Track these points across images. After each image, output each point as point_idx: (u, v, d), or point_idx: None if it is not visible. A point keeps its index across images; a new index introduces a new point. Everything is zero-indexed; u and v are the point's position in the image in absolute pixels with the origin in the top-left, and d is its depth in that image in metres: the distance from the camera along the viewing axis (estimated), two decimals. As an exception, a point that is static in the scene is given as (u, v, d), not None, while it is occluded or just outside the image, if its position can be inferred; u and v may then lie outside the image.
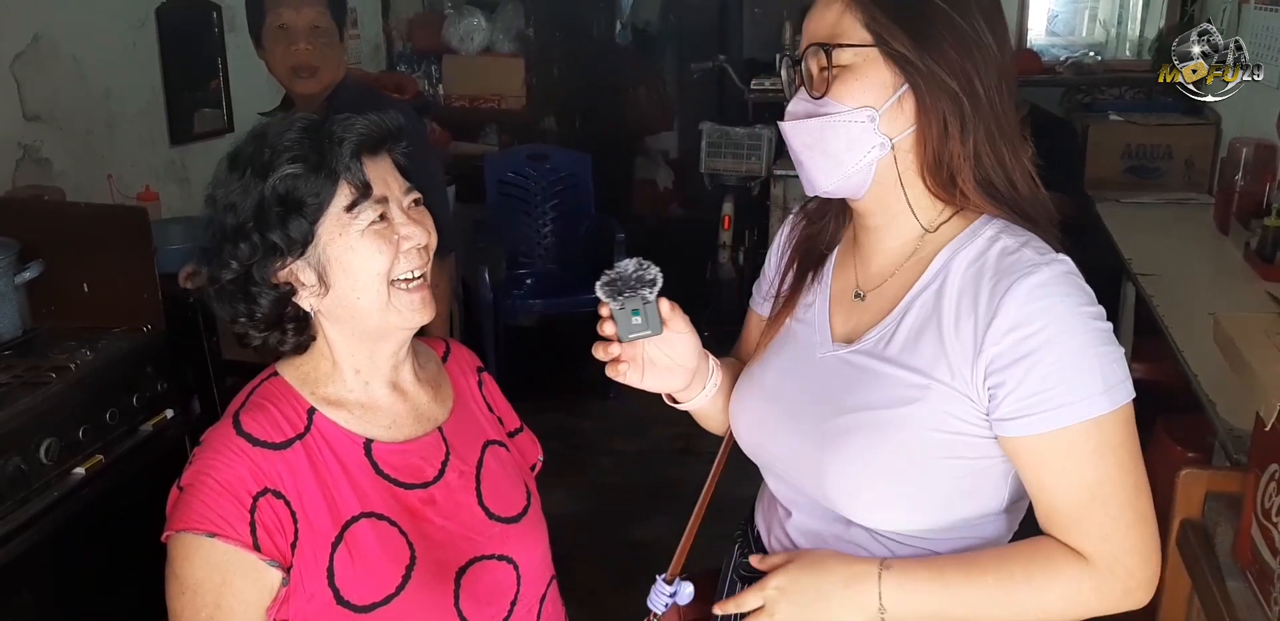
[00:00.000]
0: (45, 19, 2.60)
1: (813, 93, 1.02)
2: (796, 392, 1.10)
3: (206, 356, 2.53)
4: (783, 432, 1.10)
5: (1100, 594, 0.97)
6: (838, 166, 1.02)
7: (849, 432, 1.02)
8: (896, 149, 1.01)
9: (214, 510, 1.03)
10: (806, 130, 1.03)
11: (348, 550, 1.07)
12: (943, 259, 1.03)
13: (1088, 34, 5.21)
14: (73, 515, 1.82)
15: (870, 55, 0.99)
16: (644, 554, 2.92)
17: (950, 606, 0.98)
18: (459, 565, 1.12)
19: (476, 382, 1.29)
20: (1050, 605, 0.98)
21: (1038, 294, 0.95)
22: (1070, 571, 0.97)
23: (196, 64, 3.28)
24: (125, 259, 2.12)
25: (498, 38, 4.81)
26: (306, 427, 1.10)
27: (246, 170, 1.06)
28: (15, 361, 1.94)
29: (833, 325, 1.11)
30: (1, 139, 2.50)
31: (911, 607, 0.99)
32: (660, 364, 1.10)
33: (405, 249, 1.08)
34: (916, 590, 0.99)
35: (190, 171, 3.21)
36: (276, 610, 1.06)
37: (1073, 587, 0.97)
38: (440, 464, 1.16)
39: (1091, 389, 0.94)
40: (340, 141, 1.05)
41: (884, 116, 1.00)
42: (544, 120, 4.97)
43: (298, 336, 1.12)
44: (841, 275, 1.14)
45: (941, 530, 1.03)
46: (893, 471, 1.01)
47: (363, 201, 1.06)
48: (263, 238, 1.05)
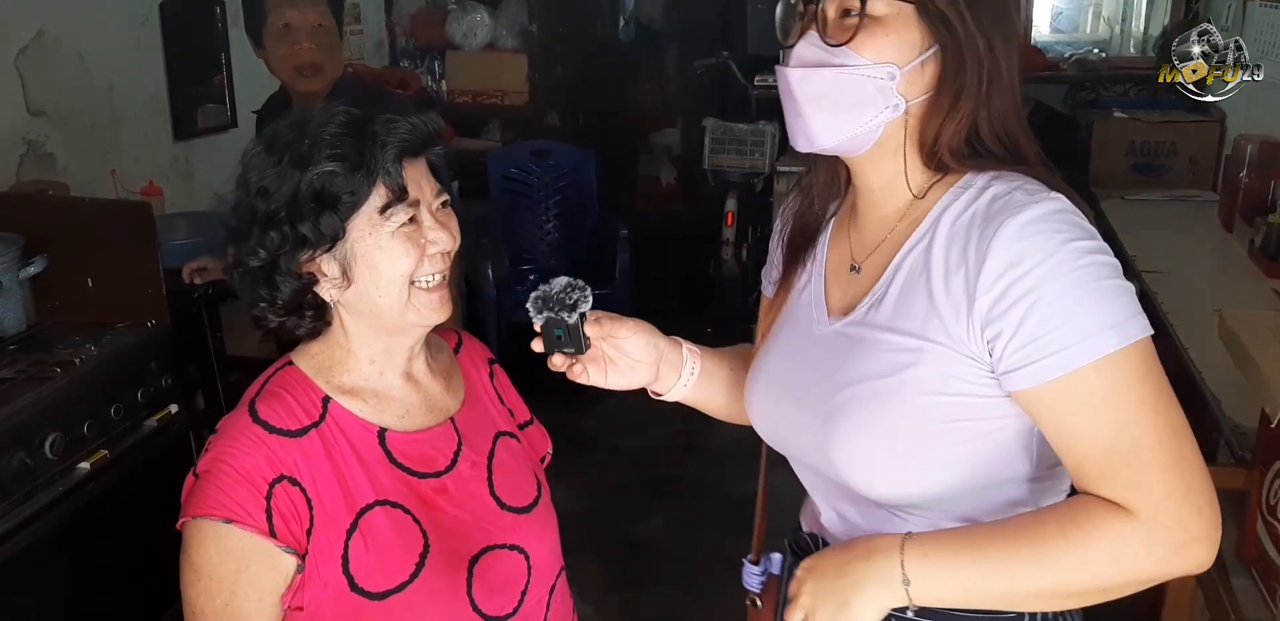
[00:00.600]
0: (49, 14, 2.60)
1: (829, 39, 0.94)
2: (798, 373, 1.06)
3: (210, 352, 2.53)
4: (790, 415, 1.07)
5: (1149, 548, 0.84)
6: (845, 123, 0.96)
7: (849, 405, 0.98)
8: (909, 112, 0.95)
9: (230, 497, 1.04)
10: (818, 80, 0.95)
11: (362, 537, 1.07)
12: (933, 216, 0.97)
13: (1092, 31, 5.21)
14: (77, 510, 1.82)
15: (906, 10, 0.92)
16: (646, 551, 2.93)
17: (981, 574, 0.87)
18: (472, 554, 1.13)
19: (488, 374, 1.30)
20: (1096, 566, 0.85)
21: (1028, 231, 0.88)
22: (1112, 526, 0.85)
23: (200, 59, 3.27)
24: (129, 254, 2.12)
25: (501, 33, 4.81)
26: (322, 416, 1.11)
27: (284, 157, 1.06)
28: (20, 356, 1.95)
29: (829, 299, 1.07)
30: (6, 134, 2.50)
31: (939, 578, 0.88)
32: (620, 363, 1.12)
33: (430, 253, 1.09)
34: (943, 558, 0.88)
35: (194, 167, 3.21)
36: (291, 596, 1.06)
37: (1117, 544, 0.84)
38: (453, 453, 1.17)
39: (1097, 326, 0.85)
40: (384, 144, 1.06)
41: (905, 76, 0.94)
42: (547, 116, 4.96)
43: (315, 322, 1.12)
44: (837, 247, 1.09)
45: (962, 500, 0.97)
46: (895, 439, 0.95)
47: (397, 204, 1.07)
48: (293, 229, 1.06)
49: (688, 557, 2.81)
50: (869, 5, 0.92)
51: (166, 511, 1.09)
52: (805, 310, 1.09)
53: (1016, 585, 0.86)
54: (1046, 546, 0.86)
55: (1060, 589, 0.86)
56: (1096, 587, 0.86)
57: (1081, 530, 0.85)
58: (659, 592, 2.69)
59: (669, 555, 2.88)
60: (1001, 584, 0.87)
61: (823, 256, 1.11)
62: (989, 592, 0.88)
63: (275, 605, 1.06)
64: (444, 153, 1.16)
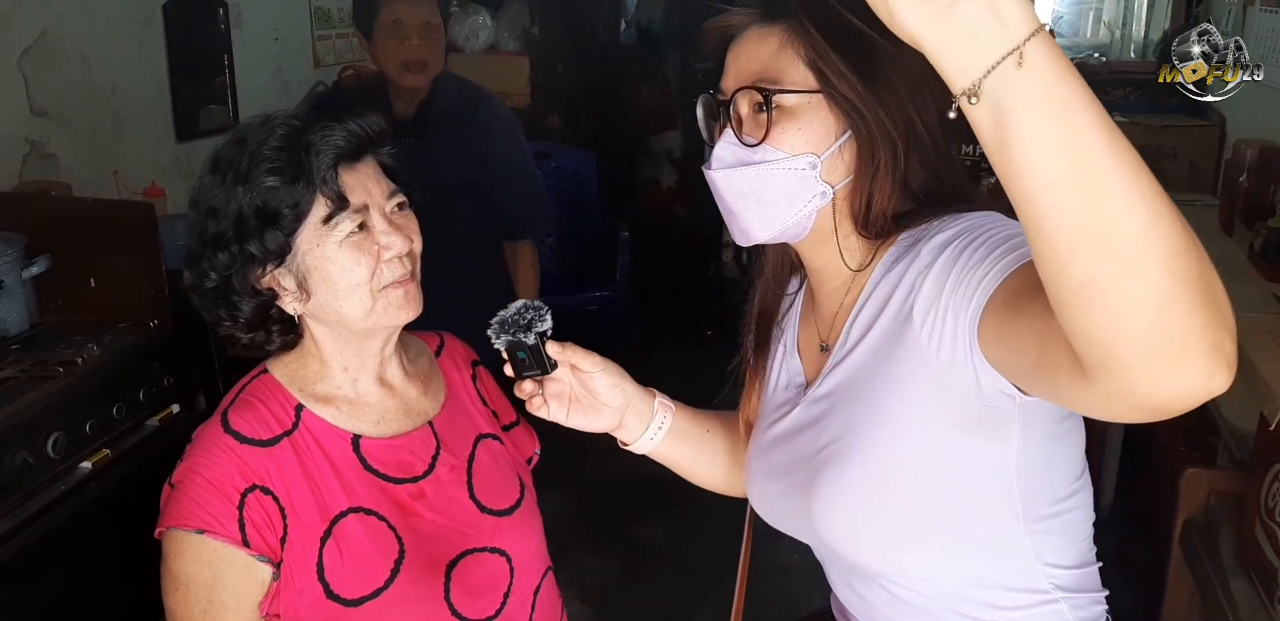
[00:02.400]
0: (53, 15, 2.60)
1: (745, 138, 0.94)
2: (784, 453, 1.05)
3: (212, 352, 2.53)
4: (783, 495, 1.05)
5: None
6: (775, 216, 0.95)
7: (823, 468, 0.96)
8: (836, 196, 0.94)
9: (203, 507, 1.05)
10: (741, 179, 0.94)
11: (336, 545, 1.08)
12: (874, 279, 0.96)
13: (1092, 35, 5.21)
14: (79, 509, 1.82)
15: (814, 99, 0.91)
16: (643, 552, 2.93)
17: (1095, 105, 0.64)
18: (449, 558, 1.14)
19: (470, 376, 1.29)
20: (1165, 205, 0.62)
21: (951, 233, 0.87)
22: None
23: (203, 61, 3.28)
24: (132, 254, 2.12)
25: (503, 36, 4.82)
26: (294, 425, 1.11)
27: (227, 175, 1.06)
28: (22, 355, 1.95)
29: (807, 375, 1.07)
30: (9, 134, 2.50)
31: (1058, 65, 0.62)
32: (584, 402, 1.10)
33: (386, 258, 1.08)
34: (1064, 58, 0.64)
35: (196, 167, 3.20)
36: (268, 604, 1.07)
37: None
38: (430, 458, 1.17)
39: (1001, 243, 0.81)
40: (318, 153, 1.05)
41: (825, 163, 0.92)
42: (548, 119, 4.97)
43: (284, 336, 1.13)
44: (807, 326, 1.08)
45: (953, 555, 0.94)
46: (867, 496, 0.93)
47: (339, 213, 1.06)
48: (241, 248, 1.06)
49: (686, 558, 2.81)
50: (777, 98, 0.91)
51: (168, 511, 1.09)
52: (783, 389, 1.09)
53: (1118, 140, 0.64)
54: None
55: (1148, 189, 0.62)
56: (1177, 236, 0.61)
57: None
58: (657, 593, 2.69)
59: (667, 556, 2.88)
60: (1109, 125, 0.64)
61: (793, 334, 1.10)
62: (1097, 117, 0.63)
63: (253, 612, 1.07)
64: (395, 153, 1.14)
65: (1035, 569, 0.94)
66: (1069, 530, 0.96)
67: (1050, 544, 0.95)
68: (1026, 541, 0.93)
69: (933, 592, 0.96)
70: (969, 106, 0.62)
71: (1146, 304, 0.60)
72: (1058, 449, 0.93)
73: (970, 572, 0.95)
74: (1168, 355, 0.61)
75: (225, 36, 3.37)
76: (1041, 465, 0.92)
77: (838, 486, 0.95)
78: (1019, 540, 0.93)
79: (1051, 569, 0.95)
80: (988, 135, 0.63)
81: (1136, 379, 0.62)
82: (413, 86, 2.27)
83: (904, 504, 0.92)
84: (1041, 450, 0.91)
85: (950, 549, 0.94)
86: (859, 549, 0.96)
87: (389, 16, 2.24)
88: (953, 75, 0.62)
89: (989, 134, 0.63)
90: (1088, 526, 0.98)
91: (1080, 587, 0.97)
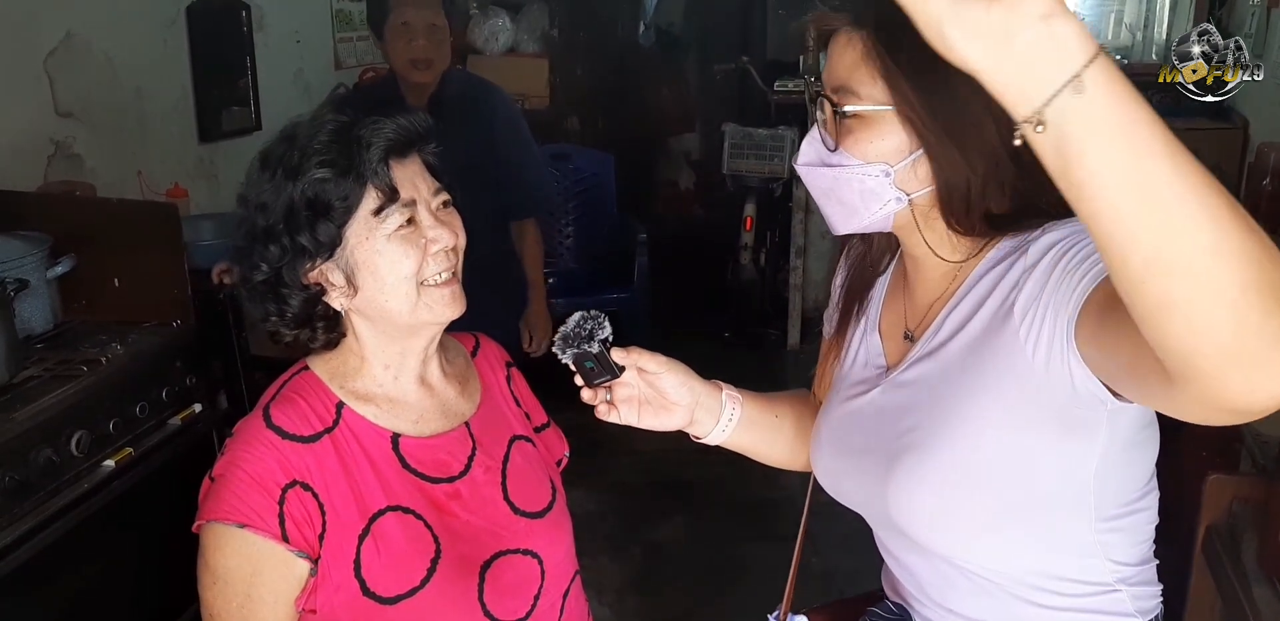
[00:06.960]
0: (78, 17, 2.63)
1: (827, 139, 0.96)
2: (859, 430, 1.06)
3: (235, 352, 2.56)
4: (853, 472, 1.06)
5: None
6: (853, 215, 0.97)
7: (904, 453, 0.98)
8: (914, 203, 0.95)
9: (244, 501, 1.05)
10: (821, 178, 0.98)
11: (374, 542, 1.08)
12: (977, 274, 0.97)
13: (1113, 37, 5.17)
14: (102, 507, 1.84)
15: (888, 114, 0.92)
16: (663, 553, 2.93)
17: (1158, 128, 0.62)
18: (484, 559, 1.14)
19: (505, 377, 1.30)
20: (1236, 224, 0.63)
21: (1059, 235, 0.87)
22: None
23: (225, 63, 3.31)
24: (156, 254, 2.14)
25: (522, 38, 4.84)
26: (335, 422, 1.11)
27: (277, 171, 1.08)
28: (47, 354, 1.97)
29: (887, 356, 1.08)
30: (34, 135, 2.53)
31: (1118, 89, 0.62)
32: (654, 403, 1.12)
33: (433, 251, 1.09)
34: (1124, 81, 0.64)
35: (219, 168, 3.24)
36: (305, 600, 1.07)
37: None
38: (467, 459, 1.17)
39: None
40: (368, 146, 1.06)
41: (899, 174, 0.93)
42: (567, 120, 4.98)
43: (328, 334, 1.13)
44: (893, 308, 1.09)
45: (1022, 545, 0.96)
46: (945, 487, 0.95)
47: (390, 205, 1.07)
48: (291, 240, 1.07)
49: (705, 560, 2.82)
50: (847, 107, 0.93)
51: (189, 509, 1.10)
52: (861, 367, 1.10)
53: (1184, 162, 0.61)
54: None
55: (1217, 210, 0.62)
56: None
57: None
58: (676, 595, 2.69)
59: (686, 557, 2.88)
60: (1174, 147, 0.62)
61: (876, 312, 1.11)
62: (1161, 140, 0.62)
63: (290, 607, 1.07)
64: (440, 152, 1.15)
65: (1101, 564, 0.98)
66: (1135, 529, 0.99)
67: (1117, 542, 0.98)
68: (1095, 538, 0.97)
69: (998, 578, 0.99)
70: (1033, 134, 0.62)
71: (1222, 321, 0.61)
72: (1135, 454, 0.96)
73: (1038, 563, 0.98)
74: (1245, 365, 0.62)
75: (248, 38, 3.39)
76: (1119, 468, 0.95)
77: (916, 474, 0.97)
78: (1088, 537, 0.96)
79: (1115, 565, 0.98)
80: (1050, 161, 0.63)
81: (1217, 386, 0.64)
82: (421, 82, 2.45)
83: (981, 497, 0.95)
84: (1121, 455, 0.94)
85: (1020, 540, 0.97)
86: (931, 534, 0.99)
87: (398, 19, 2.42)
88: (1013, 104, 0.62)
89: (1051, 159, 0.63)
90: (1151, 527, 1.01)
91: (1140, 581, 1.01)
